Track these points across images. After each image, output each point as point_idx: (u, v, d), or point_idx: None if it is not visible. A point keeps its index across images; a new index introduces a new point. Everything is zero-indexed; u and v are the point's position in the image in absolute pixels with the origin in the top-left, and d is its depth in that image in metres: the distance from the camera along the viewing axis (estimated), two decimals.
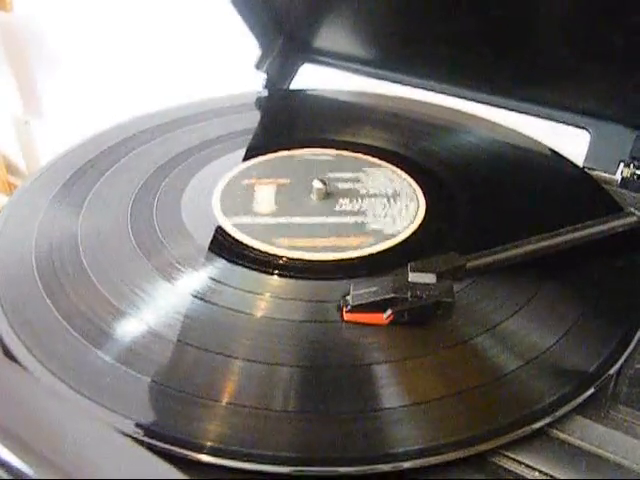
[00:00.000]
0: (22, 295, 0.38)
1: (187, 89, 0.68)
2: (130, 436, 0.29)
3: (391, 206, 0.46)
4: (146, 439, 0.29)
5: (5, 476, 0.25)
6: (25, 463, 0.25)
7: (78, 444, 0.26)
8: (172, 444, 0.29)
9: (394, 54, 0.64)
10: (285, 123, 0.61)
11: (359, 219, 0.45)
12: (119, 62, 0.97)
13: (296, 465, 0.29)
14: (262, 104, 0.64)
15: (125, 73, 0.97)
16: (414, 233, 0.43)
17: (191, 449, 0.29)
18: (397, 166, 0.51)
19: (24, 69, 1.13)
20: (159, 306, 0.37)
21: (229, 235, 0.43)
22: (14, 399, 0.29)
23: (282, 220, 0.45)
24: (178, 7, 0.85)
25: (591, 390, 0.32)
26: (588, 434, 0.31)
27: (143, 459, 0.27)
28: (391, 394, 0.32)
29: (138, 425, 0.30)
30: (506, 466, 0.30)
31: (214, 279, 0.39)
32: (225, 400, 0.32)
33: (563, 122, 0.57)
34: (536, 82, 0.57)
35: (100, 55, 0.99)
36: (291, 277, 0.39)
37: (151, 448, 0.29)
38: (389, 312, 0.35)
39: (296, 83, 0.69)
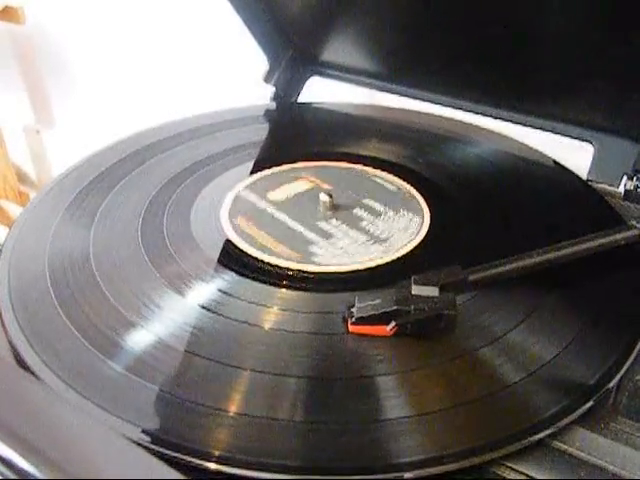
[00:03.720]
0: (35, 306, 0.39)
1: (196, 102, 0.69)
2: (139, 443, 0.30)
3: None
4: (155, 447, 0.30)
5: None
6: (38, 470, 0.26)
7: (87, 451, 0.27)
8: (180, 452, 0.30)
9: (400, 67, 0.65)
10: (293, 136, 0.62)
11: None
12: (129, 73, 0.98)
13: (300, 474, 0.30)
14: (270, 117, 0.65)
15: (135, 85, 0.98)
16: (418, 246, 0.44)
17: (199, 457, 0.30)
18: (402, 178, 0.52)
19: (35, 79, 1.14)
20: (169, 317, 0.38)
21: (237, 247, 0.44)
22: (26, 406, 0.29)
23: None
24: (188, 20, 0.86)
25: (591, 402, 0.33)
26: (588, 445, 0.31)
27: (152, 466, 0.27)
28: (394, 405, 0.32)
29: (147, 433, 0.31)
30: (507, 476, 0.30)
31: (222, 291, 0.40)
32: (232, 410, 0.32)
33: (567, 135, 0.57)
34: (541, 95, 0.57)
35: (111, 66, 1.00)
36: (298, 289, 0.40)
37: (160, 456, 0.29)
38: (392, 324, 0.35)
39: (304, 96, 0.70)
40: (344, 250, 0.43)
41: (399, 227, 0.46)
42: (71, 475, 0.26)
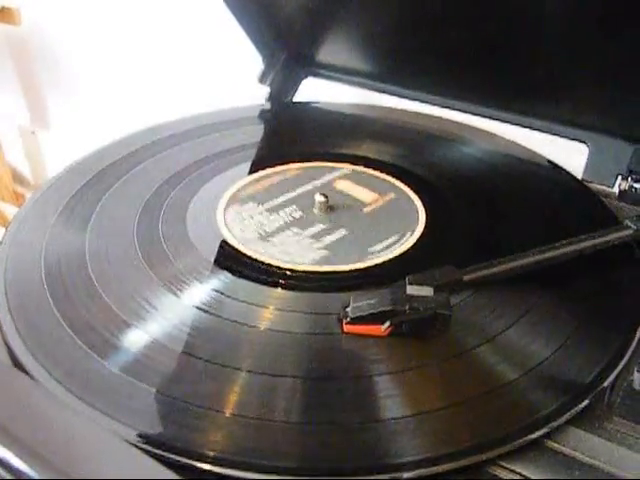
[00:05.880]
0: (31, 307, 0.38)
1: (191, 103, 0.69)
2: (135, 445, 0.30)
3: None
4: (151, 448, 0.30)
5: None
6: (33, 470, 0.26)
7: (83, 451, 0.27)
8: (176, 453, 0.30)
9: (395, 68, 0.65)
10: (288, 136, 0.62)
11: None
12: (125, 74, 0.98)
13: (297, 475, 0.30)
14: (265, 117, 0.65)
15: (130, 86, 0.98)
16: (413, 246, 0.44)
17: (195, 458, 0.30)
18: (397, 178, 0.52)
19: (31, 81, 1.14)
20: (164, 318, 0.38)
21: (233, 248, 0.44)
22: (22, 407, 0.29)
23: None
24: (184, 22, 0.87)
25: (586, 402, 0.33)
26: (582, 445, 0.32)
27: (147, 467, 0.27)
28: (390, 405, 0.33)
29: (143, 434, 0.31)
30: (502, 476, 0.30)
31: (218, 291, 0.40)
32: (228, 410, 0.32)
33: (562, 135, 0.57)
34: (535, 96, 0.57)
35: (107, 67, 1.00)
36: (293, 289, 0.40)
37: (156, 457, 0.29)
38: (387, 324, 0.36)
39: (299, 96, 0.70)
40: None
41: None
42: (66, 475, 0.26)
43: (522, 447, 0.31)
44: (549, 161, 0.56)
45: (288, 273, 0.41)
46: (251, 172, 0.53)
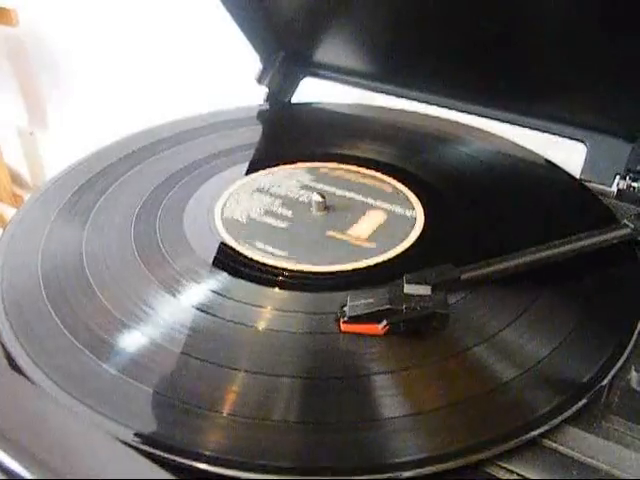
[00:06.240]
0: (28, 308, 0.38)
1: (189, 103, 0.69)
2: (132, 445, 0.30)
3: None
4: (148, 448, 0.30)
5: None
6: (28, 471, 0.26)
7: (79, 452, 0.27)
8: (174, 453, 0.30)
9: (393, 68, 0.65)
10: (286, 136, 0.62)
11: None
12: (123, 75, 0.98)
13: (296, 475, 0.30)
14: (264, 118, 0.65)
15: (128, 87, 0.98)
16: (412, 245, 0.44)
17: (193, 458, 0.30)
18: (395, 178, 0.52)
19: (29, 81, 1.14)
20: (162, 319, 0.38)
21: (230, 248, 0.44)
22: (20, 409, 0.29)
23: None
24: (182, 23, 0.86)
25: (584, 401, 0.33)
26: (580, 444, 0.31)
27: (145, 468, 0.27)
28: (387, 404, 0.32)
29: (140, 434, 0.31)
30: (499, 475, 0.30)
31: (215, 292, 0.39)
32: (226, 410, 0.32)
33: (560, 135, 0.57)
34: (533, 95, 0.57)
35: (105, 68, 1.00)
36: (291, 289, 0.40)
37: (154, 458, 0.29)
38: (384, 323, 0.35)
39: (297, 96, 0.70)
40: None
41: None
42: (62, 476, 0.26)
43: (520, 446, 0.31)
44: (547, 160, 0.56)
45: (285, 273, 0.41)
46: (249, 172, 0.53)
